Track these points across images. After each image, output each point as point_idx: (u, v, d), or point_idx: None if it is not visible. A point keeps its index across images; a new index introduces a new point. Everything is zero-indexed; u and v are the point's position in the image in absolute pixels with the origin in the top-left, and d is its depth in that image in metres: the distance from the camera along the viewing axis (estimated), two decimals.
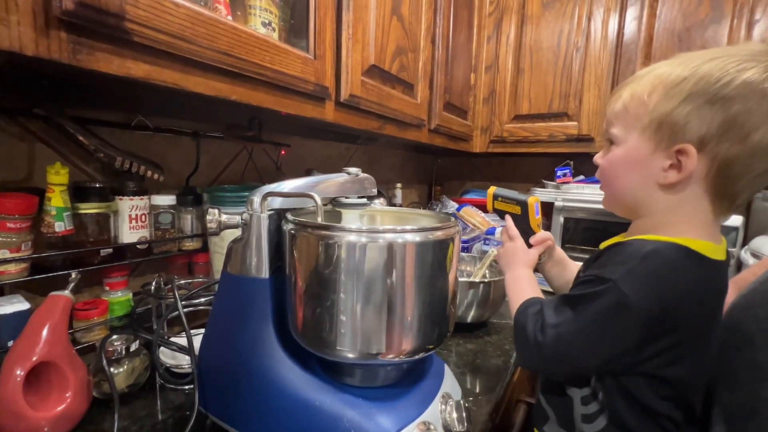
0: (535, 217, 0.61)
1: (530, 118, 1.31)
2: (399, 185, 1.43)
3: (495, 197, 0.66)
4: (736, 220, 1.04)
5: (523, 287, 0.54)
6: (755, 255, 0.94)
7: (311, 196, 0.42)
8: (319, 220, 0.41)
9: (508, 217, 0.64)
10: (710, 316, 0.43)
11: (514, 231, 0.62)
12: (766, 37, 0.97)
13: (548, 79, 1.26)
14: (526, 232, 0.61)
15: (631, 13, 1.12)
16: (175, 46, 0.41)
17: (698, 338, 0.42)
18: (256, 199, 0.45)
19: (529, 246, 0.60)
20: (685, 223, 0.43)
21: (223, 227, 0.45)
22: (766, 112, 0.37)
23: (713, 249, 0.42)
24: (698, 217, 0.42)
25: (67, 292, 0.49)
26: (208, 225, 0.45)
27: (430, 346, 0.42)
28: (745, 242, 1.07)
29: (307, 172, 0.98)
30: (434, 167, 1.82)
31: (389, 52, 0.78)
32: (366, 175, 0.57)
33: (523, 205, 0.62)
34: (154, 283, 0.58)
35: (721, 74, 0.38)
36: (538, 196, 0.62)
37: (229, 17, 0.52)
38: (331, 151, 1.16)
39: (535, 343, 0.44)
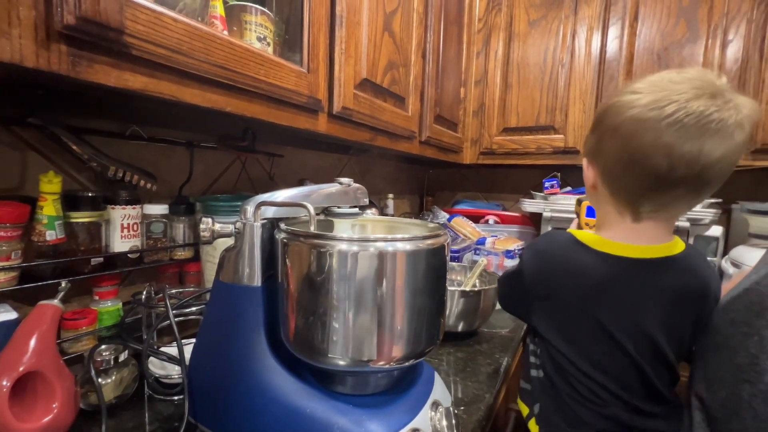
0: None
1: (518, 131, 1.35)
2: (391, 195, 1.44)
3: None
4: (716, 230, 1.08)
5: None
6: (735, 264, 0.97)
7: (304, 206, 0.43)
8: (312, 229, 0.42)
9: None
10: (588, 299, 0.49)
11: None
12: (738, 57, 1.02)
13: (535, 93, 1.31)
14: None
15: (613, 32, 1.17)
16: (173, 60, 0.42)
17: (576, 316, 0.50)
18: (250, 208, 0.46)
19: None
20: (604, 224, 0.54)
21: (216, 236, 0.46)
22: (609, 128, 0.48)
23: (609, 244, 0.50)
24: (610, 218, 0.52)
25: (56, 301, 0.49)
26: (202, 234, 0.45)
27: (421, 353, 0.43)
28: (725, 252, 1.10)
29: (300, 183, 0.99)
30: (425, 178, 1.84)
31: (381, 66, 0.81)
32: (358, 185, 0.58)
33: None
34: (144, 292, 0.58)
35: (604, 105, 0.51)
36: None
37: (225, 32, 0.54)
38: (324, 161, 1.18)
39: None
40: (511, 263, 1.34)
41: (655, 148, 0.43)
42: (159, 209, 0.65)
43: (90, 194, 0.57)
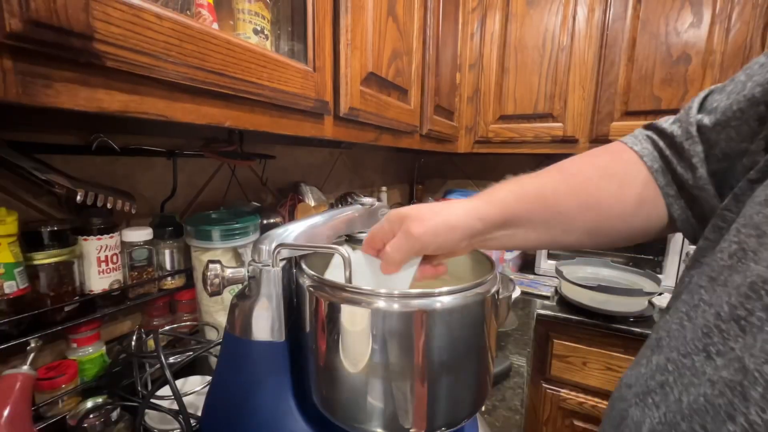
0: None
1: (515, 119, 1.30)
2: (384, 188, 1.38)
3: None
4: None
5: None
6: None
7: (336, 250, 0.36)
8: (347, 275, 0.35)
9: None
10: None
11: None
12: (741, 43, 1.00)
13: (533, 79, 1.25)
14: None
15: (616, 13, 1.12)
16: (159, 69, 0.33)
17: None
18: (265, 248, 0.38)
19: None
20: None
21: (227, 284, 0.38)
22: None
23: None
24: None
25: (25, 368, 0.40)
26: (209, 282, 0.37)
27: (467, 417, 0.38)
28: None
29: (295, 186, 0.90)
30: (415, 166, 1.77)
31: (386, 56, 0.72)
32: (381, 203, 0.51)
33: None
34: (134, 338, 0.49)
35: None
36: None
37: (215, 24, 0.44)
38: (315, 158, 1.08)
39: None
40: (510, 256, 1.32)
41: None
42: (141, 235, 0.56)
43: (55, 228, 0.46)
